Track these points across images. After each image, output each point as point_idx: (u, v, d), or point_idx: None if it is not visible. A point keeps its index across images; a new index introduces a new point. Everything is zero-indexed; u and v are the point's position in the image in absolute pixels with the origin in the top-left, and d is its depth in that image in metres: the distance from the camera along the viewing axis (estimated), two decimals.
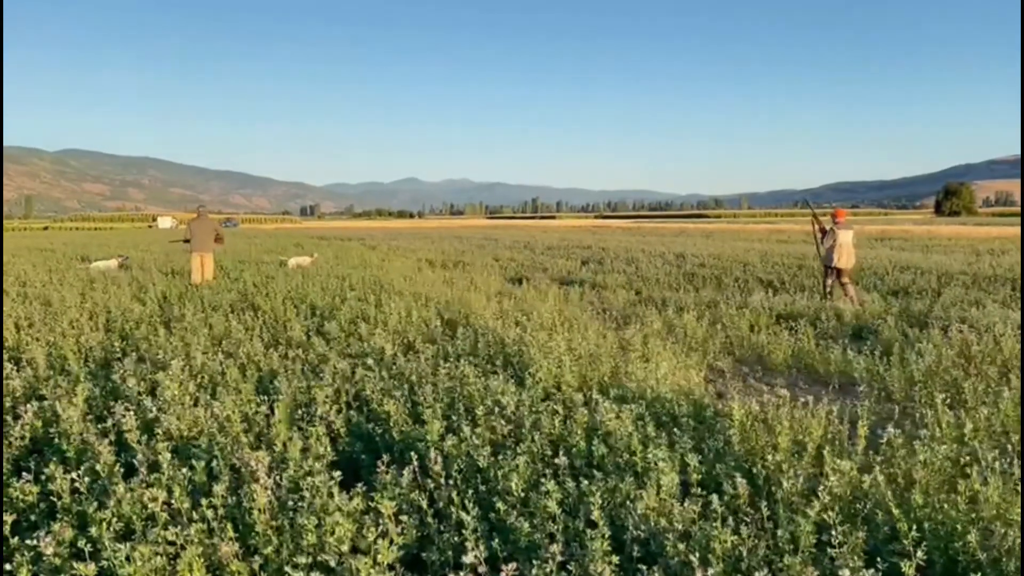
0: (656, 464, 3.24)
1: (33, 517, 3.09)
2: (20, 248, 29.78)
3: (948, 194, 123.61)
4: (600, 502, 2.78)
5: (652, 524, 2.91)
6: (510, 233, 48.29)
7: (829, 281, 11.43)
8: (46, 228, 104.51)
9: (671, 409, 4.57)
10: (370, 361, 5.37)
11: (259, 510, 2.71)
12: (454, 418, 4.16)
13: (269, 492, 2.81)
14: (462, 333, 6.98)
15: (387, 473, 3.18)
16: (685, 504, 2.92)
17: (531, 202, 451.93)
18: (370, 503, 3.01)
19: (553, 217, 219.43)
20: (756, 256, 20.69)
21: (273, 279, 13.11)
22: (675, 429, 4.05)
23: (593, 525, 2.70)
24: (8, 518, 2.71)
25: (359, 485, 3.09)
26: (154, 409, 4.04)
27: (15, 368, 5.49)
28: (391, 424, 4.09)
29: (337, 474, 2.97)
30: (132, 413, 3.63)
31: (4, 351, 6.47)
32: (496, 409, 4.29)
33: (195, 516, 2.79)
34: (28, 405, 4.08)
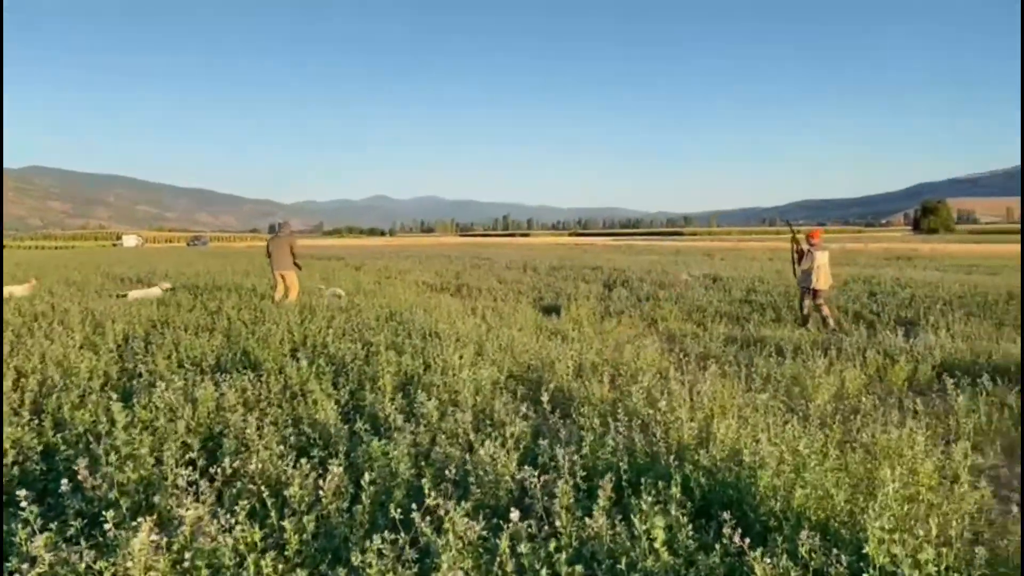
0: None
1: None
2: None
3: (926, 211, 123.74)
4: None
5: None
6: (500, 251, 45.86)
7: (807, 303, 11.23)
8: None
9: None
10: (522, 522, 2.91)
11: None
12: None
13: None
14: (587, 412, 4.59)
15: None
16: None
17: (502, 219, 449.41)
18: None
19: (527, 235, 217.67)
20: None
21: (261, 313, 10.53)
22: None
23: None
24: None
25: None
26: None
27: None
28: None
29: None
30: None
31: None
32: None
33: None
34: None
